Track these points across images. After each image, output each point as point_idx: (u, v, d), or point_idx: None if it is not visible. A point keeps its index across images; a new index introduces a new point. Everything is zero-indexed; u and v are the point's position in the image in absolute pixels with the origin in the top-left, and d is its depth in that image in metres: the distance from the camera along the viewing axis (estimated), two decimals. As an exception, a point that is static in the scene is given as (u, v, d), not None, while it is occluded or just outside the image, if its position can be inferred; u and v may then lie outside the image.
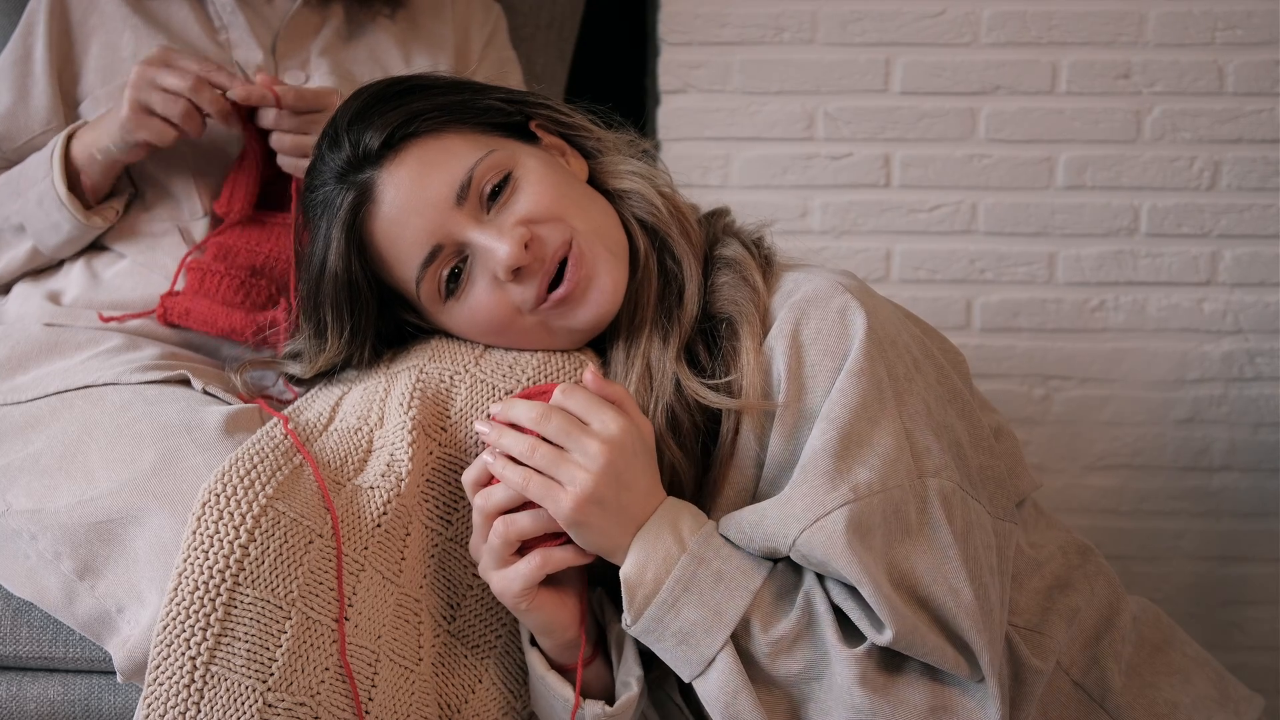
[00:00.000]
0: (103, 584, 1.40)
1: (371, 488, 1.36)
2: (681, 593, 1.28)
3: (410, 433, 1.37)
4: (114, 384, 1.56)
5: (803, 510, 1.27)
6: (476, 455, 1.39)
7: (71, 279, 1.72)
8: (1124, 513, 2.53)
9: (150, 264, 1.70)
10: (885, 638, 1.24)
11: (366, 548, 1.34)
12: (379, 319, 1.47)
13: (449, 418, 1.40)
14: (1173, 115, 2.45)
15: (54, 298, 1.71)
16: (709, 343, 1.40)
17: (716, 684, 1.28)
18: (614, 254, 1.42)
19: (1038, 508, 1.53)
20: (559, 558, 1.32)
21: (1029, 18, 2.44)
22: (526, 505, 1.32)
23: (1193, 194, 2.47)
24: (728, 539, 1.32)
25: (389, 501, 1.35)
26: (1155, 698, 1.42)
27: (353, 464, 1.38)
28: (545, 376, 1.42)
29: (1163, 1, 2.44)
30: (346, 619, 1.31)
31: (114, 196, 1.72)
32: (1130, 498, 2.53)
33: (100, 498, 1.41)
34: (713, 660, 1.28)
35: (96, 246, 1.74)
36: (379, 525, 1.34)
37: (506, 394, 1.41)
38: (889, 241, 2.48)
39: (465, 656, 1.43)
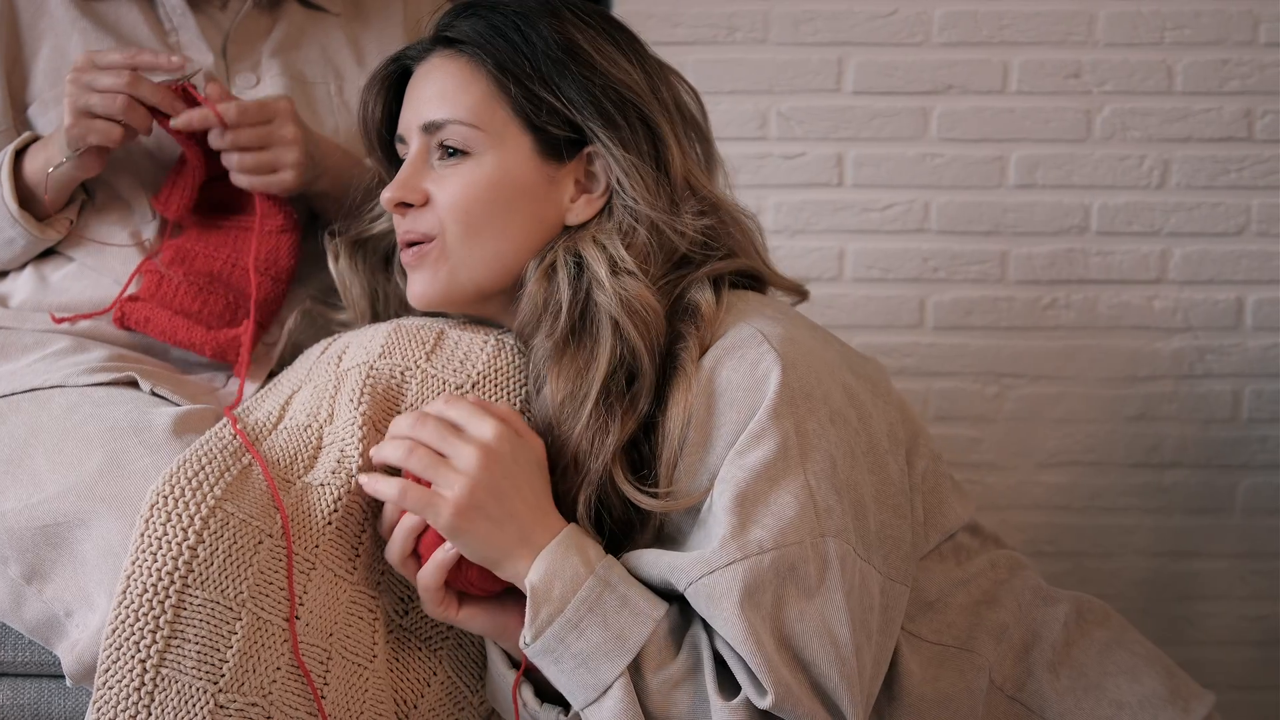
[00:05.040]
0: (50, 588, 1.39)
1: (322, 485, 1.35)
2: (586, 613, 1.27)
3: (361, 428, 1.37)
4: (61, 386, 1.55)
5: (691, 564, 1.26)
6: None
7: (19, 283, 1.71)
8: (1076, 509, 2.55)
9: (99, 267, 1.69)
10: (766, 702, 1.23)
11: (318, 546, 1.33)
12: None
13: (400, 413, 1.40)
14: (1122, 114, 2.47)
15: (1, 301, 1.69)
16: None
17: (611, 712, 1.26)
18: (449, 291, 1.45)
19: (978, 531, 1.51)
20: (440, 560, 1.31)
21: (980, 18, 2.46)
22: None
23: (1142, 192, 2.49)
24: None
25: (339, 499, 1.34)
26: (1100, 699, 1.41)
27: (302, 461, 1.38)
28: (495, 371, 1.42)
29: (1112, 2, 2.46)
30: (298, 618, 1.31)
31: (67, 206, 1.70)
32: (1082, 494, 2.54)
33: (47, 501, 1.40)
34: (609, 687, 1.26)
35: (45, 251, 1.73)
36: (330, 523, 1.34)
37: (456, 388, 1.41)
38: (842, 240, 2.49)
39: (419, 651, 1.42)
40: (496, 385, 1.41)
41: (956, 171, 2.48)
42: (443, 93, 1.44)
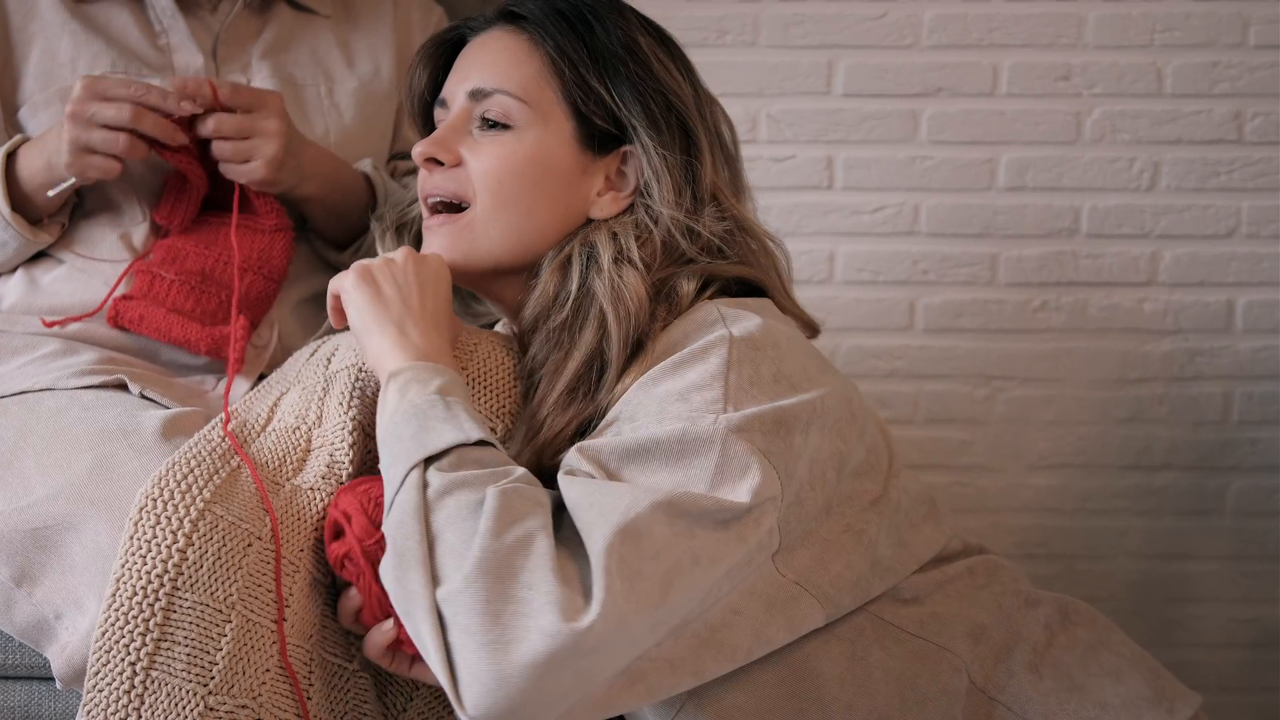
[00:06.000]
0: (40, 590, 1.39)
1: (312, 489, 1.35)
2: (411, 416, 1.25)
3: (351, 433, 1.37)
4: (50, 389, 1.55)
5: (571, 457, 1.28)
6: None
7: (9, 286, 1.71)
8: (1067, 512, 2.55)
9: (89, 269, 1.69)
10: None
11: (304, 550, 1.33)
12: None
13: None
14: (1112, 116, 2.48)
15: (-10, 304, 1.70)
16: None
17: (395, 521, 1.21)
18: (467, 260, 1.45)
19: (964, 541, 1.51)
20: (378, 640, 1.30)
21: (970, 20, 2.46)
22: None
23: (1132, 195, 2.49)
24: None
25: (328, 505, 1.34)
26: (1083, 700, 1.39)
27: (291, 463, 1.38)
28: (486, 373, 1.41)
29: (1102, 4, 2.46)
30: (285, 620, 1.31)
31: (59, 210, 1.71)
32: (1073, 497, 2.54)
33: (36, 504, 1.40)
34: (400, 487, 1.22)
35: (35, 253, 1.72)
36: (317, 528, 1.34)
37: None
38: (832, 243, 2.49)
39: (406, 657, 1.42)
40: (488, 385, 1.41)
41: (946, 174, 2.48)
42: (496, 63, 1.46)
